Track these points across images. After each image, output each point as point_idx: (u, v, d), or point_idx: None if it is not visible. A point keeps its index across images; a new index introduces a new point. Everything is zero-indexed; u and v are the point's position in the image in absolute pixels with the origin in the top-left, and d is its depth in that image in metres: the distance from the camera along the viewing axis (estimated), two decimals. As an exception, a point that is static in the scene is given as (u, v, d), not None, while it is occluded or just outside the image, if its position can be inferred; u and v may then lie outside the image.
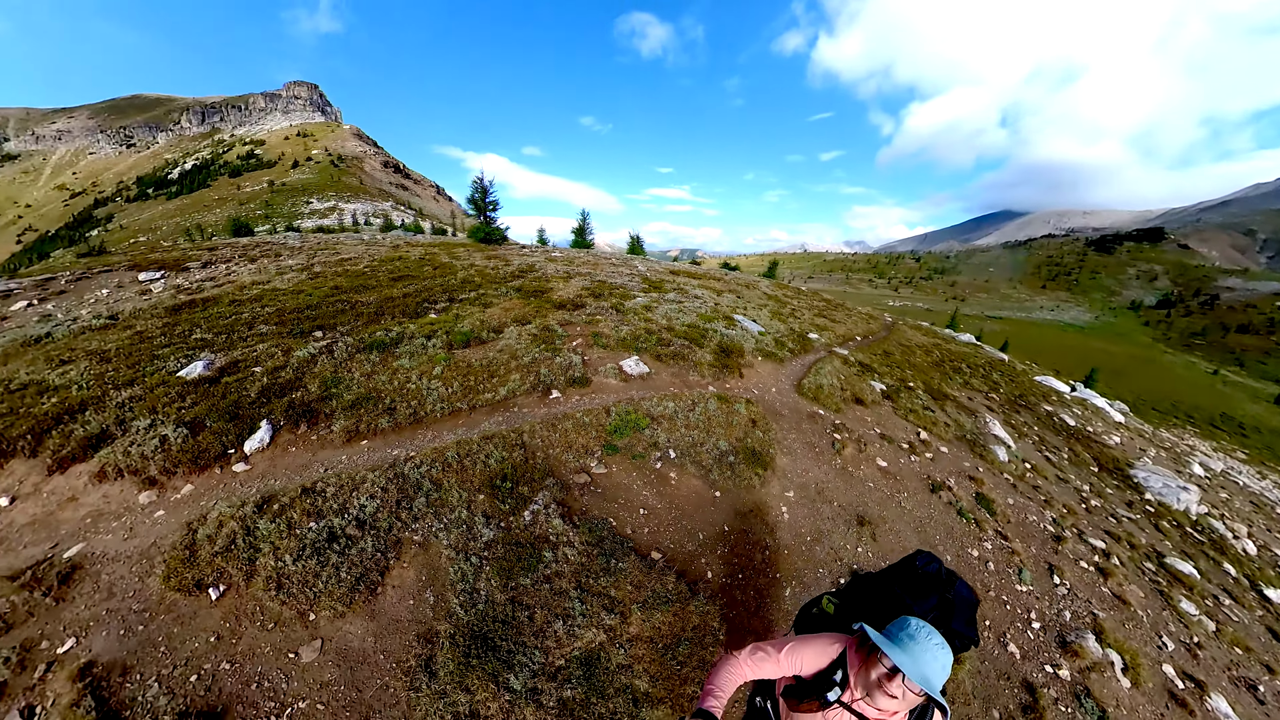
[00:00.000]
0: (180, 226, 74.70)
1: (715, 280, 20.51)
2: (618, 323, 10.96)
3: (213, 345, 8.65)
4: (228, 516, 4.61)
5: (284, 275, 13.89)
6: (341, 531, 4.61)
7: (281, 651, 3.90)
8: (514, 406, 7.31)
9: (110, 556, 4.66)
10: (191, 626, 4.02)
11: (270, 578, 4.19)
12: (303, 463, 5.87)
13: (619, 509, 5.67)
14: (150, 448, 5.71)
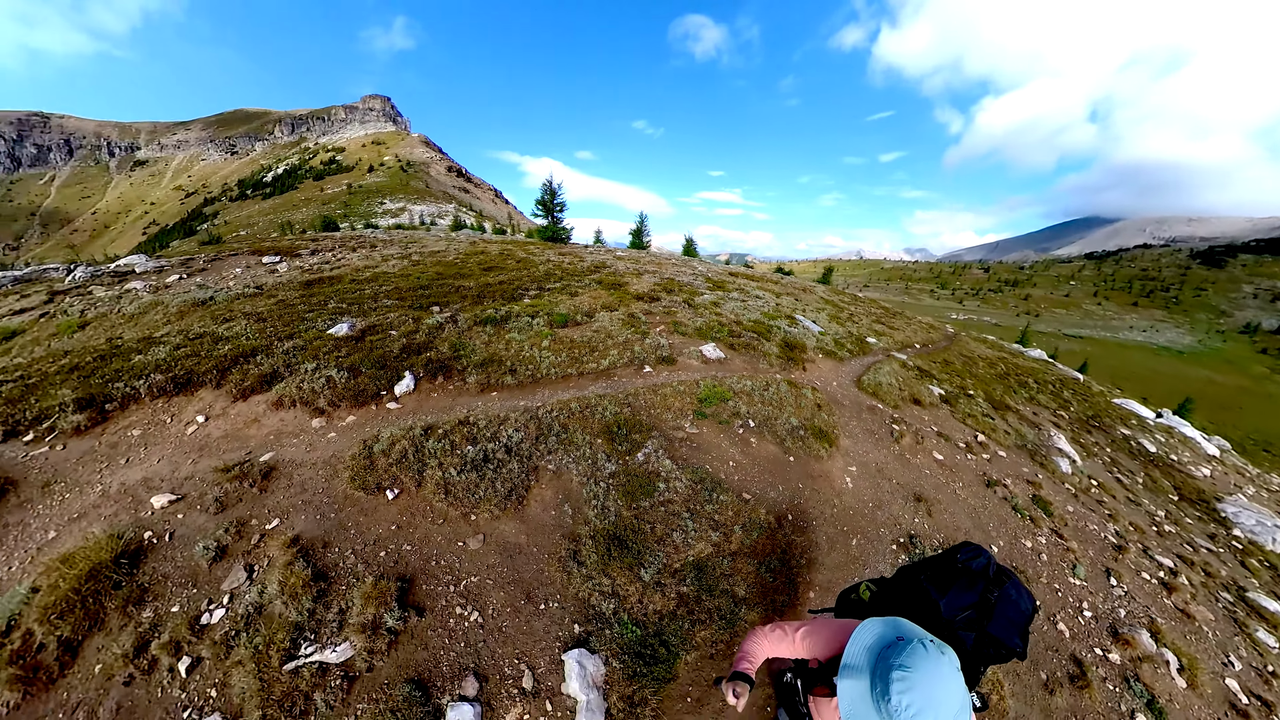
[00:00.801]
0: (273, 222, 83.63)
1: (772, 284, 21.00)
2: (692, 315, 11.78)
3: (349, 313, 10.13)
4: (399, 437, 5.63)
5: (388, 262, 15.82)
6: (493, 455, 5.56)
7: (451, 541, 4.79)
8: (615, 376, 8.29)
9: (298, 463, 5.72)
10: (374, 517, 4.96)
11: (438, 485, 5.13)
12: (445, 405, 6.91)
13: (712, 460, 6.58)
14: (318, 385, 6.94)
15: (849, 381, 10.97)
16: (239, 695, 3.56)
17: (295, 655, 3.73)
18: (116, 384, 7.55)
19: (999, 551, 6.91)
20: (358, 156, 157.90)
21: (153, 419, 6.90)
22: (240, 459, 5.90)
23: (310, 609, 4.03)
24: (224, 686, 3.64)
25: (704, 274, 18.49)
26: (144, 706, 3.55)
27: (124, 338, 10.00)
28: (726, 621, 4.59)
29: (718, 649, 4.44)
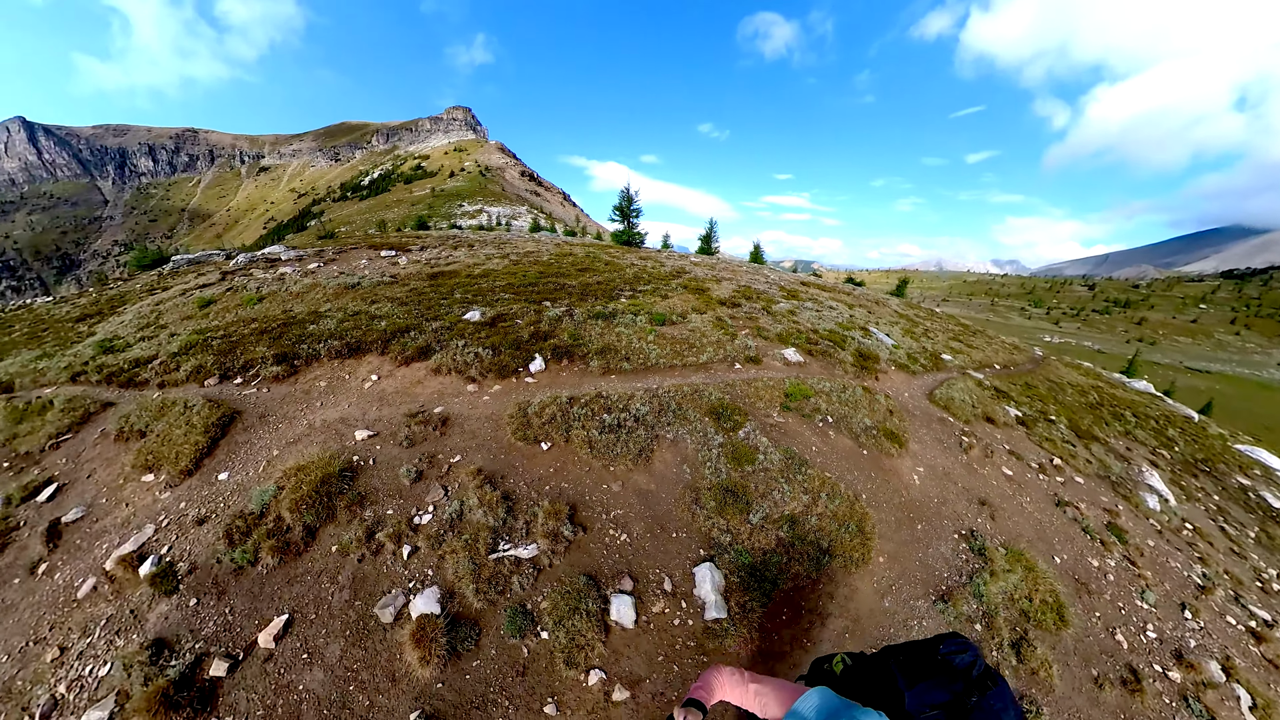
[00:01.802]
0: (369, 220, 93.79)
1: (845, 295, 21.23)
2: (771, 321, 12.67)
3: (476, 303, 11.80)
4: (548, 403, 7.05)
5: (491, 261, 18.03)
6: (624, 423, 6.88)
7: (598, 484, 6.08)
8: (711, 370, 9.40)
9: (466, 416, 7.20)
10: (534, 461, 6.34)
11: (584, 441, 6.49)
12: (574, 382, 8.27)
13: (798, 443, 7.59)
14: (469, 358, 8.51)
15: (920, 394, 11.34)
16: (453, 574, 4.91)
17: (496, 550, 5.10)
18: (301, 346, 9.67)
19: (1061, 563, 7.26)
20: (441, 163, 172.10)
21: (333, 375, 8.92)
22: (418, 409, 7.46)
23: (503, 519, 5.42)
24: (439, 568, 5.00)
25: (777, 283, 19.11)
26: (374, 577, 4.94)
27: (295, 311, 12.56)
28: (813, 564, 5.67)
29: (805, 584, 5.53)
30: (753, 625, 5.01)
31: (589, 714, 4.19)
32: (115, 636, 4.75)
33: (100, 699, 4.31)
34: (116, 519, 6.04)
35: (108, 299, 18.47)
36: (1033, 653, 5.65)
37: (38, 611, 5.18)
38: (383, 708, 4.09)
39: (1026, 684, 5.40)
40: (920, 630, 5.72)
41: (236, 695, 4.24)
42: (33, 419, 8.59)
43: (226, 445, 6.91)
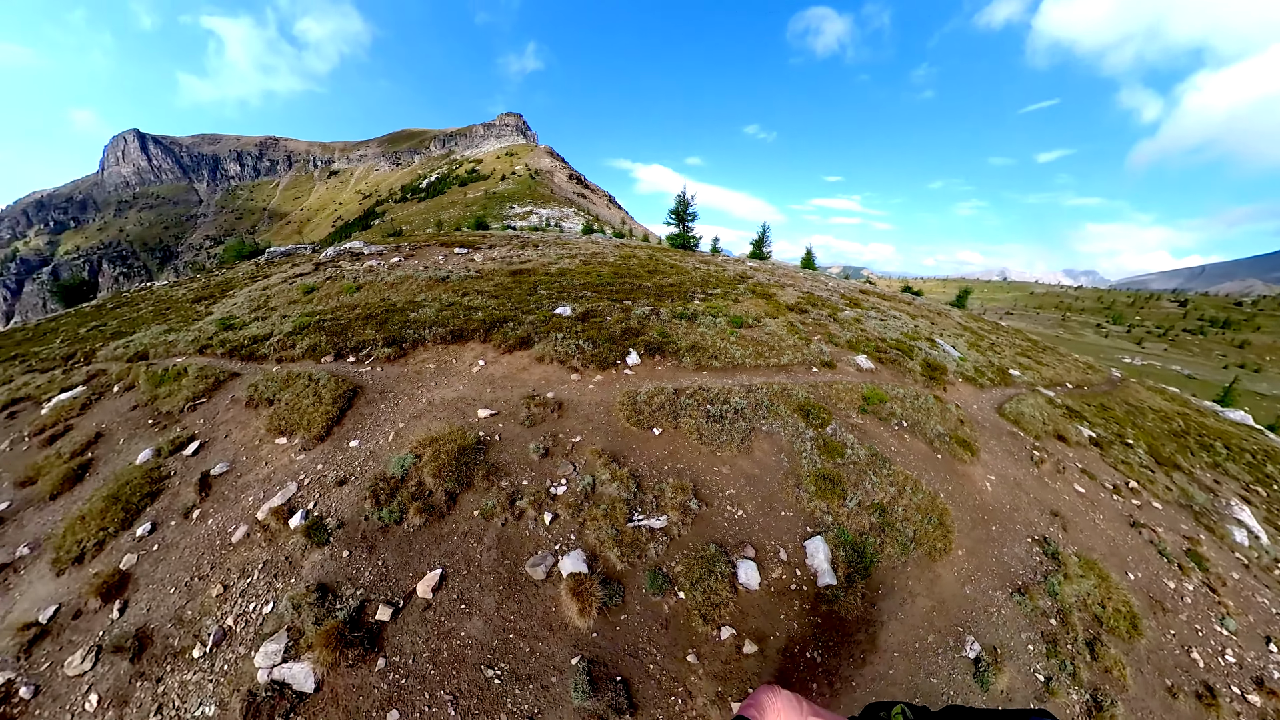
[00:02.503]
0: (428, 220, 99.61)
1: (905, 304, 21.12)
2: (839, 329, 13.04)
3: (563, 299, 12.58)
4: (655, 392, 7.73)
5: (561, 260, 19.09)
6: (725, 414, 7.51)
7: (709, 466, 6.70)
8: (791, 371, 9.92)
9: (578, 402, 7.87)
10: (648, 445, 6.98)
11: (693, 429, 7.14)
12: (669, 376, 8.90)
13: (879, 443, 8.08)
14: (570, 349, 9.22)
15: (989, 407, 11.47)
16: (594, 539, 5.54)
17: (631, 519, 5.76)
18: (407, 331, 10.56)
19: (1135, 580, 7.42)
20: (493, 166, 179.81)
21: (440, 359, 9.73)
22: (532, 393, 8.18)
23: (634, 493, 6.10)
24: (580, 533, 5.61)
25: (838, 290, 19.35)
26: (519, 540, 5.56)
27: (393, 299, 13.86)
28: (903, 548, 6.28)
29: (897, 565, 6.15)
30: (857, 594, 5.58)
31: (723, 664, 4.76)
32: (274, 579, 5.47)
33: (272, 633, 4.87)
34: (258, 475, 7.07)
35: (217, 283, 21.15)
36: (1106, 652, 5.95)
37: (196, 552, 5.97)
38: (543, 654, 4.65)
39: (1100, 679, 5.73)
40: (999, 617, 6.12)
41: (400, 638, 4.78)
42: (170, 383, 10.29)
43: (353, 416, 7.96)
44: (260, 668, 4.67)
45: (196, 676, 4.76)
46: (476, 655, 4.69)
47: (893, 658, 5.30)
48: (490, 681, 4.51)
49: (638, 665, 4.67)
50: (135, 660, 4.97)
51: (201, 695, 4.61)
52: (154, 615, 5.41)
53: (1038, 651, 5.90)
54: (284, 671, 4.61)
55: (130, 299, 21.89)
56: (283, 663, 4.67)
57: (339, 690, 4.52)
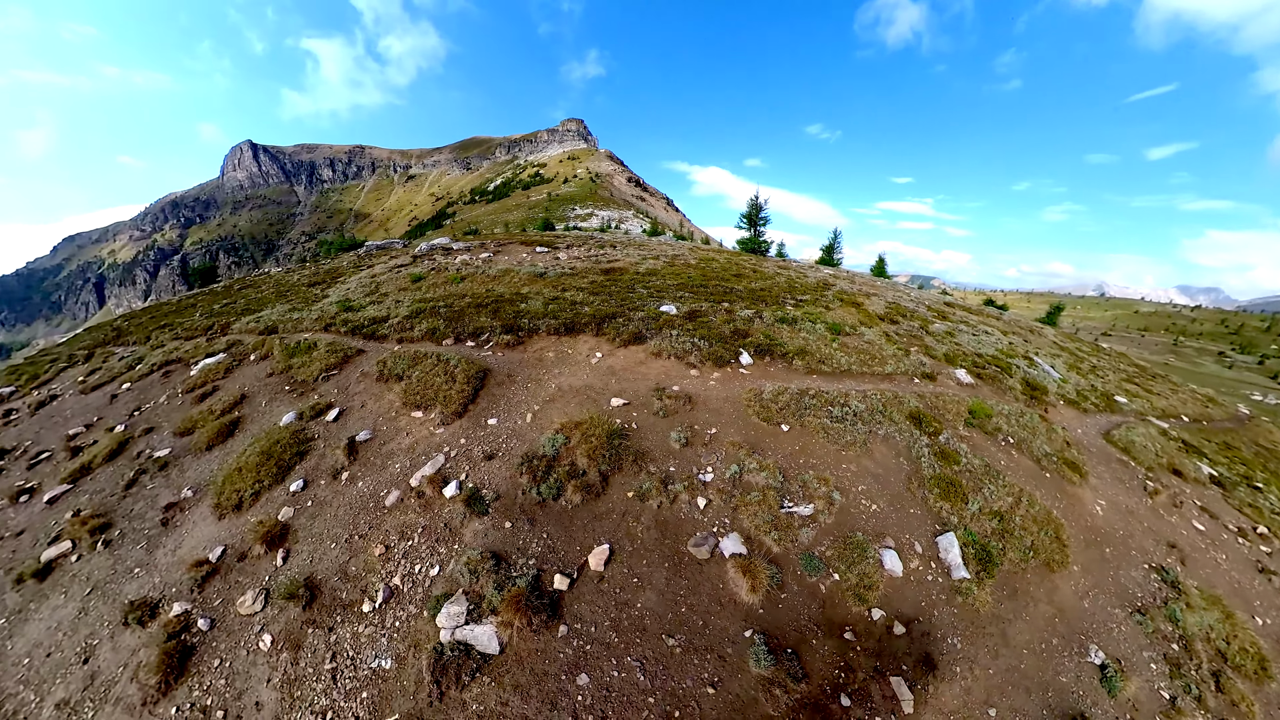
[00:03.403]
0: (495, 221, 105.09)
1: (994, 319, 20.05)
2: (934, 342, 12.94)
3: (662, 299, 13.11)
4: (780, 392, 8.20)
5: (645, 261, 19.30)
6: (845, 416, 7.93)
7: (837, 463, 7.10)
8: (895, 380, 10.03)
9: (705, 396, 8.33)
10: (778, 440, 7.45)
11: (819, 428, 7.57)
12: (783, 378, 9.22)
13: (987, 456, 8.17)
14: (687, 347, 9.69)
15: (1094, 432, 11.02)
16: (749, 523, 5.98)
17: (783, 505, 6.26)
18: (521, 320, 11.26)
19: (1264, 625, 7.07)
20: (556, 170, 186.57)
21: (557, 349, 10.23)
22: (659, 385, 8.61)
23: (781, 482, 6.59)
24: (734, 518, 6.05)
25: (922, 301, 18.94)
26: (675, 522, 6.02)
27: (497, 291, 14.79)
28: (1022, 555, 6.49)
29: (1018, 570, 6.35)
30: (987, 590, 5.89)
31: (877, 642, 5.19)
32: (436, 544, 5.88)
33: (446, 595, 5.16)
34: (401, 444, 7.84)
35: (325, 271, 23.57)
36: (1232, 686, 5.89)
37: (351, 511, 6.45)
38: (717, 626, 5.08)
39: (1227, 710, 5.68)
40: (1120, 633, 6.14)
41: (579, 607, 5.13)
42: (302, 355, 11.69)
43: (486, 396, 8.72)
44: (443, 628, 5.00)
45: (368, 630, 5.16)
46: (655, 625, 5.03)
47: (1022, 654, 5.55)
48: (672, 650, 4.87)
49: (801, 639, 5.06)
50: (307, 608, 5.48)
51: (375, 648, 5.02)
52: (319, 567, 5.97)
53: (1160, 671, 5.89)
54: (466, 633, 4.91)
55: (253, 282, 25.04)
56: (465, 624, 4.99)
57: (523, 653, 4.85)
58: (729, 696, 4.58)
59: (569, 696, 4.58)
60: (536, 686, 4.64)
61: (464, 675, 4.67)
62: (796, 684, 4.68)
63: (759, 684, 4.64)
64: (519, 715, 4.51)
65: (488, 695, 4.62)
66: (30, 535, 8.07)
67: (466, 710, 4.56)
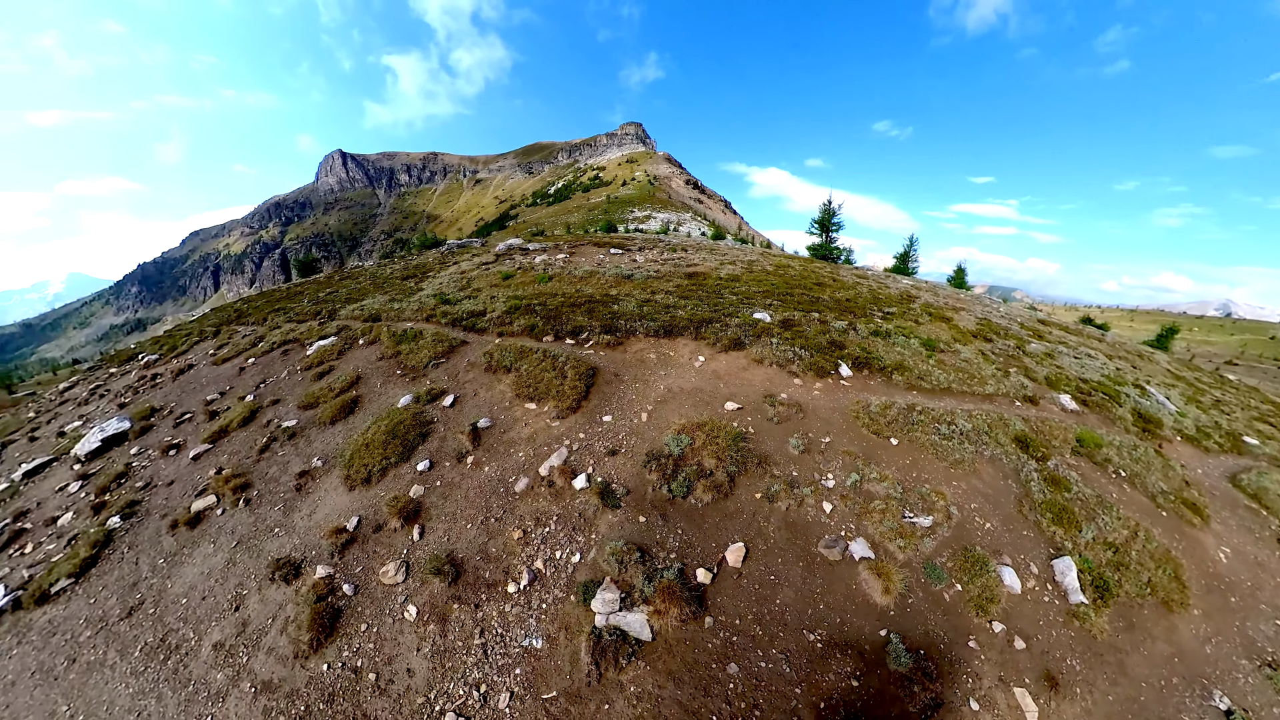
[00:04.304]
0: (556, 223, 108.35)
1: (1096, 340, 18.34)
2: (1033, 363, 12.28)
3: (755, 305, 13.20)
4: (887, 405, 8.30)
5: (724, 267, 19.03)
6: (952, 433, 7.92)
7: (947, 479, 7.16)
8: (996, 401, 9.71)
9: (814, 405, 8.46)
10: (890, 452, 7.55)
11: (928, 444, 7.61)
12: (883, 391, 9.18)
13: (1098, 485, 7.91)
14: (788, 355, 9.78)
15: (1218, 475, 10.10)
16: (874, 530, 6.18)
17: (904, 516, 6.42)
18: (618, 321, 11.51)
19: None
20: (615, 173, 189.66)
21: (658, 351, 10.43)
22: (765, 392, 8.77)
23: (900, 493, 6.70)
24: (859, 523, 6.23)
25: (1013, 318, 17.87)
26: (803, 524, 6.25)
27: (586, 291, 15.11)
28: (1140, 590, 6.30)
29: (1135, 604, 6.21)
30: (1104, 618, 5.84)
31: (999, 654, 5.27)
32: (573, 532, 6.18)
33: (592, 582, 5.41)
34: (520, 434, 8.11)
35: (414, 266, 25.05)
36: None
37: (482, 494, 6.81)
38: (854, 625, 5.29)
39: None
40: (1247, 684, 5.80)
41: (722, 600, 5.40)
42: (409, 343, 12.35)
43: (596, 394, 8.98)
44: (597, 613, 5.26)
45: (515, 610, 5.44)
46: (795, 621, 5.27)
47: (1141, 686, 5.51)
48: (813, 644, 5.12)
49: (930, 643, 5.25)
50: (453, 584, 5.79)
51: (524, 628, 5.31)
52: (458, 546, 6.25)
53: (1295, 729, 5.55)
54: (619, 619, 5.17)
55: (351, 274, 27.14)
56: (619, 611, 5.25)
57: (673, 641, 5.06)
58: (870, 691, 4.82)
59: (720, 684, 4.79)
60: (689, 673, 4.86)
61: (621, 659, 4.92)
62: (931, 683, 4.85)
63: (898, 681, 4.83)
64: (673, 699, 4.75)
65: (644, 679, 4.85)
66: (179, 486, 9.01)
67: (624, 692, 4.78)
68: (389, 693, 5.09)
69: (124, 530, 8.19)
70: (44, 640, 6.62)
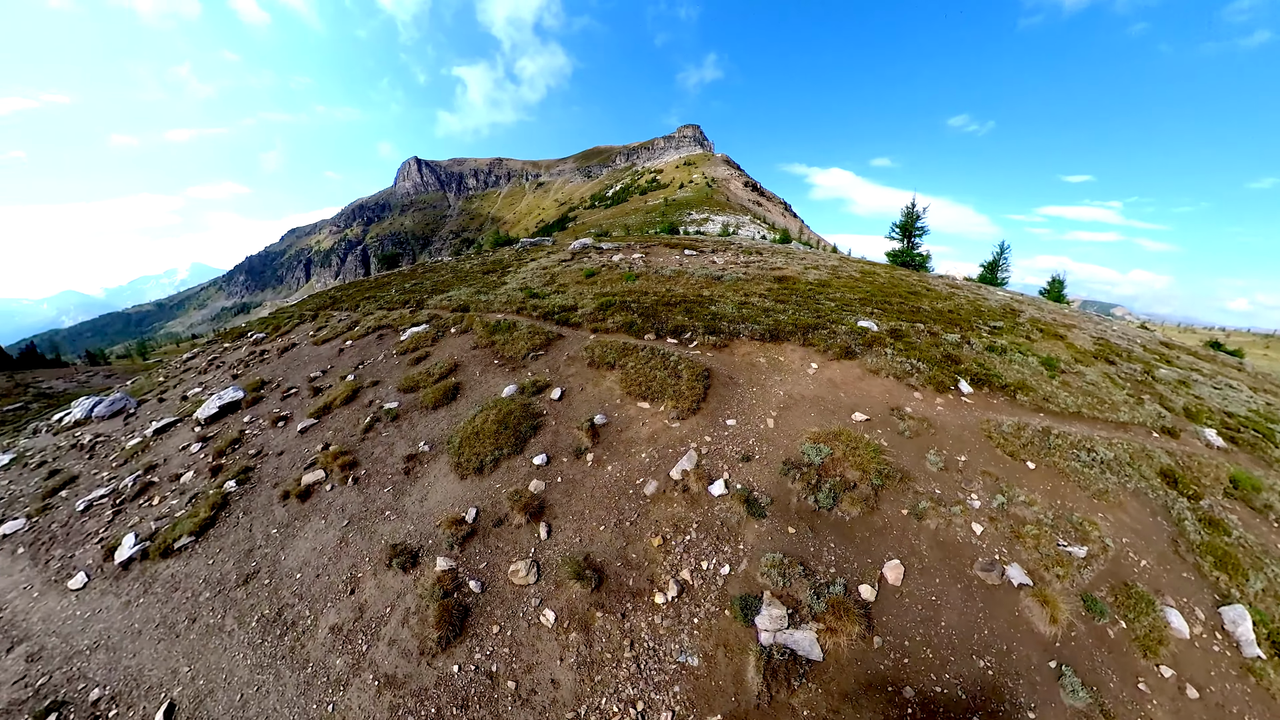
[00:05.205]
0: (614, 224, 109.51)
1: (1235, 369, 16.00)
2: (1167, 390, 11.19)
3: (853, 312, 12.62)
4: (1021, 427, 7.79)
5: (809, 271, 18.17)
6: (1093, 461, 7.43)
7: (1091, 510, 6.65)
8: (1131, 430, 8.90)
9: (941, 422, 7.92)
10: (1029, 476, 7.06)
11: (1068, 470, 7.17)
12: (1007, 411, 8.56)
13: (1258, 532, 7.12)
14: (905, 368, 9.23)
15: None
16: (1026, 555, 5.81)
17: (1058, 544, 6.05)
18: (720, 323, 10.98)
19: None
20: (672, 176, 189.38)
21: (767, 355, 9.81)
22: (891, 405, 8.28)
23: (1051, 520, 6.29)
24: (1011, 548, 5.86)
25: (1133, 339, 16.35)
26: (953, 544, 5.79)
27: (677, 291, 14.57)
28: None
29: None
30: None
31: (1171, 701, 4.86)
32: (719, 542, 5.74)
33: (751, 596, 5.06)
34: (639, 433, 7.55)
35: (491, 261, 25.63)
36: None
37: (610, 495, 6.40)
38: (1021, 653, 4.93)
39: None
40: None
41: (886, 619, 5.06)
42: (503, 334, 12.19)
43: (714, 396, 8.41)
44: (763, 630, 4.87)
45: (665, 623, 5.05)
46: (963, 645, 4.94)
47: None
48: (984, 671, 4.79)
49: (1098, 679, 4.86)
50: (595, 590, 5.41)
51: (678, 643, 4.92)
52: (593, 548, 5.87)
53: None
54: (787, 637, 4.78)
55: (433, 267, 28.21)
56: (785, 629, 4.86)
57: (843, 661, 4.73)
58: (1047, 724, 4.43)
59: (898, 708, 4.51)
60: (865, 696, 4.58)
61: (792, 680, 4.57)
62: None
63: (1074, 716, 4.55)
64: (851, 724, 4.39)
65: (817, 701, 4.54)
66: (289, 457, 9.18)
67: (797, 715, 4.48)
68: (532, 704, 4.73)
69: (239, 495, 8.42)
70: (167, 594, 6.79)
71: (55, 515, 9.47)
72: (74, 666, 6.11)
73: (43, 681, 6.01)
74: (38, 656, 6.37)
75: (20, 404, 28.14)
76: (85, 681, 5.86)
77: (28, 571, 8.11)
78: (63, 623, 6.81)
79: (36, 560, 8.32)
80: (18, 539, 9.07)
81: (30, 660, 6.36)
